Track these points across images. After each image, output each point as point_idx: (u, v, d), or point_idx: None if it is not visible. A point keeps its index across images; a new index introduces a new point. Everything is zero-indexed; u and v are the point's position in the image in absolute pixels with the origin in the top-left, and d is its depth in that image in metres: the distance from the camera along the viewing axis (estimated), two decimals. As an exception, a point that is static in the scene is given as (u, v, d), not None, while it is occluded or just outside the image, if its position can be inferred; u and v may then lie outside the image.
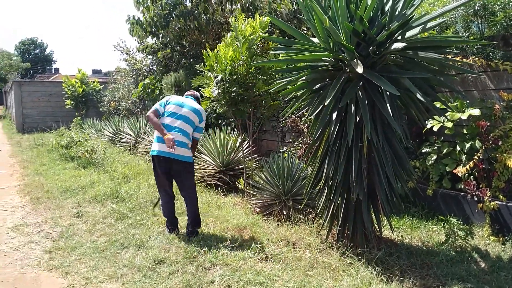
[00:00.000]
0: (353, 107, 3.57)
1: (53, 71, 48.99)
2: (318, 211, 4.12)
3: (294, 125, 7.43)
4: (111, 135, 11.58)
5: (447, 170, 4.84)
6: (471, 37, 4.87)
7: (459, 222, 4.57)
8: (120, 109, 15.60)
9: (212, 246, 3.68)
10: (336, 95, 3.58)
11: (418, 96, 3.31)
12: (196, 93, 4.50)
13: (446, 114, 4.84)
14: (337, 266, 3.45)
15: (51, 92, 18.06)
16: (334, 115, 3.71)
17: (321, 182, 4.08)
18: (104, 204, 5.05)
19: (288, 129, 7.86)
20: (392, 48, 3.34)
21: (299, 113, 5.21)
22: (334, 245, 3.95)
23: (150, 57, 13.35)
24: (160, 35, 9.64)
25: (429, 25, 3.37)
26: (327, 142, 3.90)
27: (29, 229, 4.35)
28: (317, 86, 3.95)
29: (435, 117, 4.88)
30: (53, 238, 4.06)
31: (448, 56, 4.16)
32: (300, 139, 7.44)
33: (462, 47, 4.81)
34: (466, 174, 4.61)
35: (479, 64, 4.64)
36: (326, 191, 3.99)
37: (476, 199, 4.47)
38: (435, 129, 4.85)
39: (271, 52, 5.24)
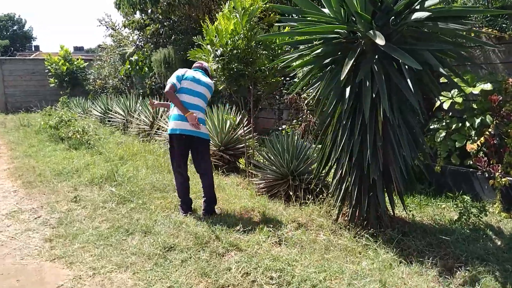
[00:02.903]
0: (367, 82, 3.38)
1: (33, 49, 47.33)
2: (330, 191, 3.98)
3: (293, 102, 7.24)
4: (100, 114, 11.22)
5: (457, 146, 4.72)
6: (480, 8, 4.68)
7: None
8: (107, 87, 15.14)
9: (223, 230, 3.51)
10: (351, 69, 3.39)
11: (441, 70, 3.14)
12: (204, 64, 4.37)
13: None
14: (353, 248, 3.33)
15: (34, 70, 17.40)
16: (348, 90, 3.51)
17: (331, 161, 3.93)
18: (102, 188, 4.81)
19: (286, 106, 7.66)
20: (413, 18, 3.13)
21: (302, 90, 5.01)
22: (345, 225, 3.83)
23: (137, 32, 12.90)
24: (149, 10, 9.22)
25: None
26: (339, 119, 3.73)
27: (24, 215, 4.11)
28: (327, 60, 3.76)
29: (443, 92, 4.74)
30: (51, 225, 3.84)
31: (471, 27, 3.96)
32: (299, 116, 7.26)
33: (475, 18, 4.62)
34: (476, 150, 4.51)
35: (493, 35, 4.47)
36: (338, 170, 3.84)
37: (486, 175, 4.39)
38: (445, 105, 4.71)
39: (276, 24, 4.97)
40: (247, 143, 5.75)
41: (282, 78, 5.89)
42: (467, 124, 4.68)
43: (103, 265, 3.00)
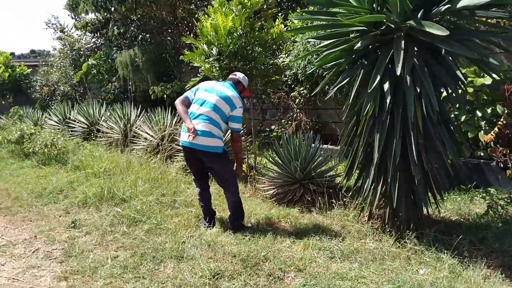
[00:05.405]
0: (408, 77, 3.18)
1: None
2: (364, 194, 3.73)
3: (281, 101, 6.97)
4: (57, 124, 10.25)
5: (469, 137, 4.68)
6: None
7: (484, 189, 4.46)
8: (56, 95, 14.03)
9: (266, 247, 3.15)
10: (388, 63, 3.20)
11: (491, 60, 3.01)
12: (237, 75, 3.90)
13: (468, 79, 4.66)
14: (405, 254, 3.12)
15: (-32, 79, 15.76)
16: (386, 86, 3.29)
17: (362, 162, 3.71)
18: (100, 208, 4.23)
19: (273, 105, 7.37)
20: (461, 6, 2.95)
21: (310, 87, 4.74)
22: (380, 229, 3.61)
23: (90, 34, 12.06)
24: (113, 9, 8.54)
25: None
26: (372, 117, 3.50)
27: (18, 249, 3.46)
28: (356, 55, 3.54)
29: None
30: (57, 258, 3.25)
31: None
32: (289, 115, 7.00)
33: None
34: (491, 141, 4.48)
35: None
36: (372, 172, 3.61)
37: (501, 165, 4.36)
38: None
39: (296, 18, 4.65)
40: (248, 147, 5.39)
41: (284, 75, 5.58)
42: (478, 114, 4.65)
43: (145, 304, 2.54)
